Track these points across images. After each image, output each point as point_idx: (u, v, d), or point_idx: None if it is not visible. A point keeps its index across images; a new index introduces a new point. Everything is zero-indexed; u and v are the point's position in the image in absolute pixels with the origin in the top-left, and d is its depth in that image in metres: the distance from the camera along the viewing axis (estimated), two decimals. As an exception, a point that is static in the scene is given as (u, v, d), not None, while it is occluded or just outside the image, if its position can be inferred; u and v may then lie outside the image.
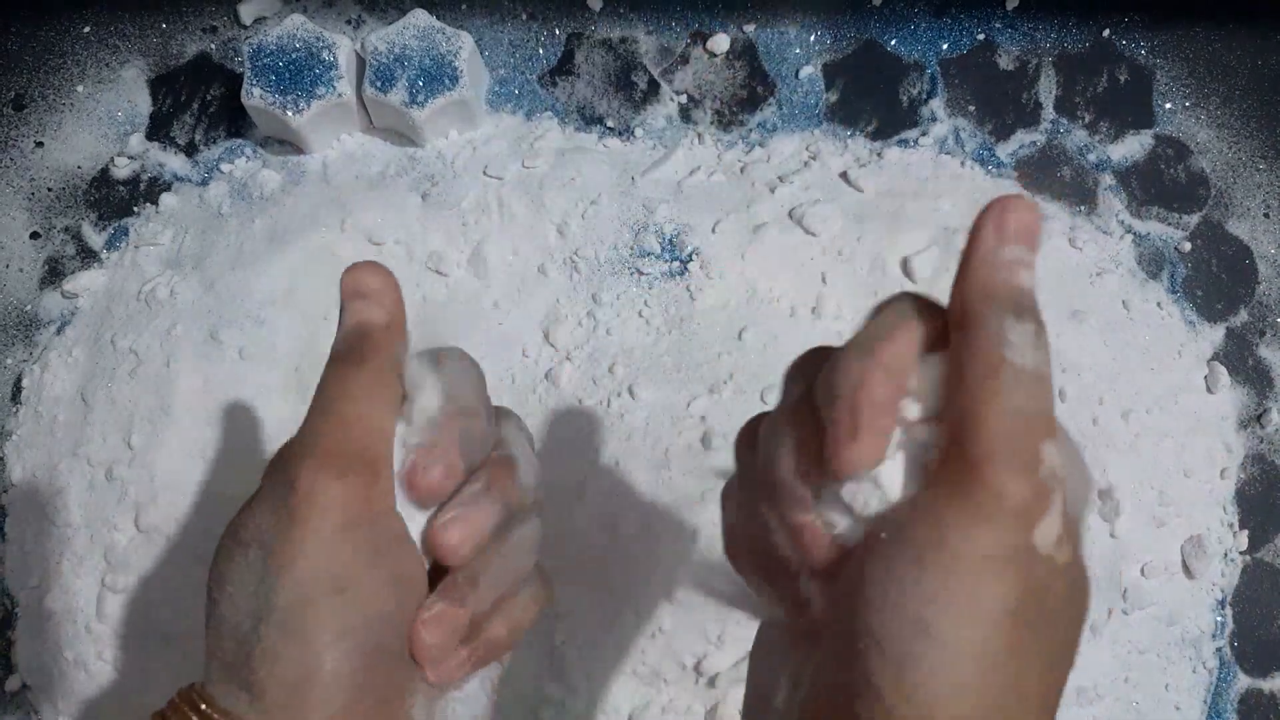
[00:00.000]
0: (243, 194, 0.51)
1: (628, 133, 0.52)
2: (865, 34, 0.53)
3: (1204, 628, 0.48)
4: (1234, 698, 0.48)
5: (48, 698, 0.46)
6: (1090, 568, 0.42)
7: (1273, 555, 0.49)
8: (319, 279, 0.48)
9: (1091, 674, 0.46)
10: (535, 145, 0.51)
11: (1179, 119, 0.53)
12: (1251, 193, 0.52)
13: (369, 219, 0.48)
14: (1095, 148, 0.52)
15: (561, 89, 0.53)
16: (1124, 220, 0.51)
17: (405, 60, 0.48)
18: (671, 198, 0.49)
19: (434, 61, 0.48)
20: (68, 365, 0.49)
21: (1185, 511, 0.47)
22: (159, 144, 0.53)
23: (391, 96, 0.48)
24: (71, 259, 0.51)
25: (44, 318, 0.51)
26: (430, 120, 0.49)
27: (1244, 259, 0.51)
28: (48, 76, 0.53)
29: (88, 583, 0.46)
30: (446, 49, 0.48)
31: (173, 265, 0.50)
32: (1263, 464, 0.49)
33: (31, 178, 0.52)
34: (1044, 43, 0.53)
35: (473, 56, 0.50)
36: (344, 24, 0.53)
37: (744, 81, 0.53)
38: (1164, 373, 0.48)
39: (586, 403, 0.46)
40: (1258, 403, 0.50)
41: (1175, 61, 0.53)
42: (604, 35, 0.53)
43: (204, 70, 0.53)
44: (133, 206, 0.52)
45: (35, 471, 0.48)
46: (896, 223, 0.48)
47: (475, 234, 0.48)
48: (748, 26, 0.53)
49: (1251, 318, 0.51)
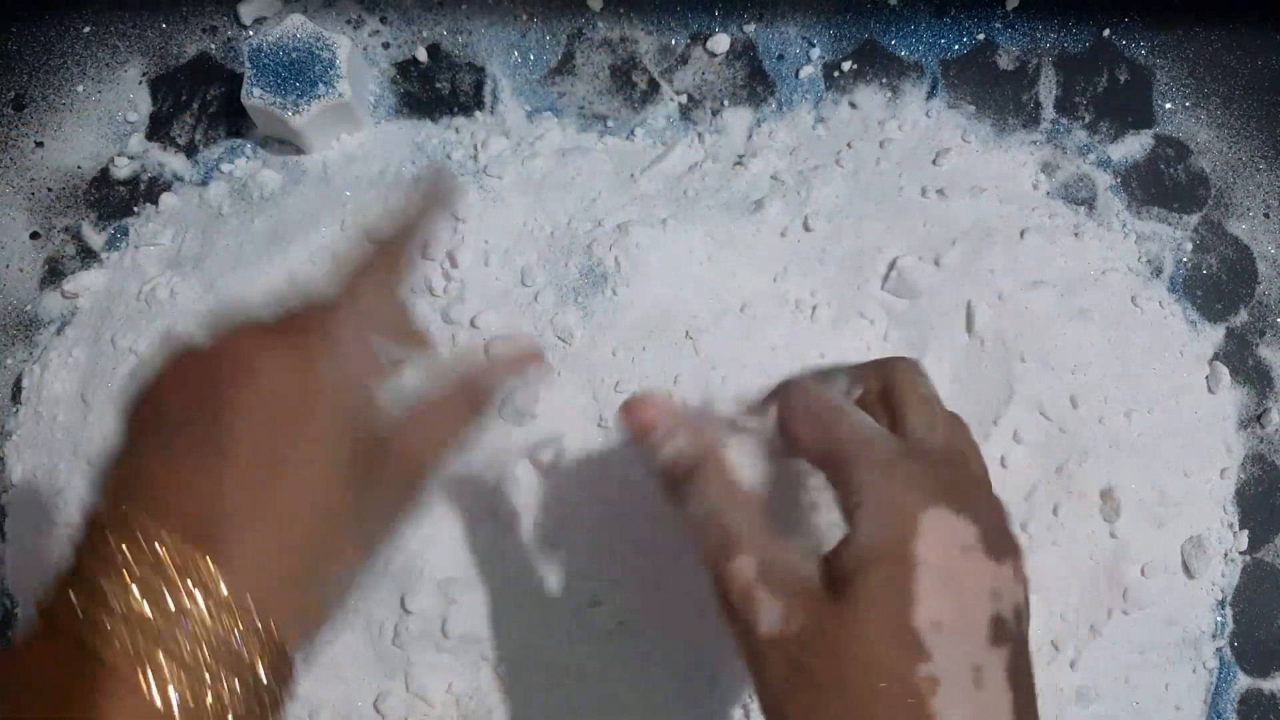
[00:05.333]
0: (243, 194, 0.51)
1: (628, 132, 0.52)
2: (865, 34, 0.53)
3: (1204, 628, 0.48)
4: (1234, 698, 0.48)
5: (48, 698, 0.46)
6: (1091, 567, 0.43)
7: (1273, 555, 0.49)
8: (319, 279, 0.48)
9: (1091, 674, 0.46)
10: (535, 145, 0.51)
11: (1179, 119, 0.53)
12: (1252, 193, 0.52)
13: (369, 219, 0.48)
14: (1095, 148, 0.52)
15: (561, 89, 0.53)
16: (1124, 220, 0.51)
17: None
18: (670, 196, 0.49)
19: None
20: (68, 365, 0.49)
21: (1185, 511, 0.47)
22: (159, 144, 0.53)
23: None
24: (71, 259, 0.51)
25: (44, 318, 0.51)
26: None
27: (1244, 259, 0.51)
28: (48, 76, 0.53)
29: (88, 583, 0.46)
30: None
31: (173, 265, 0.50)
32: (1263, 464, 0.49)
33: (31, 178, 0.52)
34: (1044, 43, 0.54)
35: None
36: (344, 24, 0.53)
37: (744, 81, 0.53)
38: (1165, 372, 0.48)
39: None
40: (1258, 403, 0.50)
41: (1175, 61, 0.53)
42: (604, 35, 0.53)
43: (204, 70, 0.53)
44: (133, 206, 0.52)
45: (36, 471, 0.48)
46: (896, 222, 0.48)
47: (476, 234, 0.48)
48: (748, 26, 0.53)
49: (1252, 318, 0.51)
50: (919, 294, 0.47)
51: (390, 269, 0.33)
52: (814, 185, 0.49)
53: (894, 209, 0.49)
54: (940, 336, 0.47)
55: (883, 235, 0.48)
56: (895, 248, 0.47)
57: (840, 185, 0.49)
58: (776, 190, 0.49)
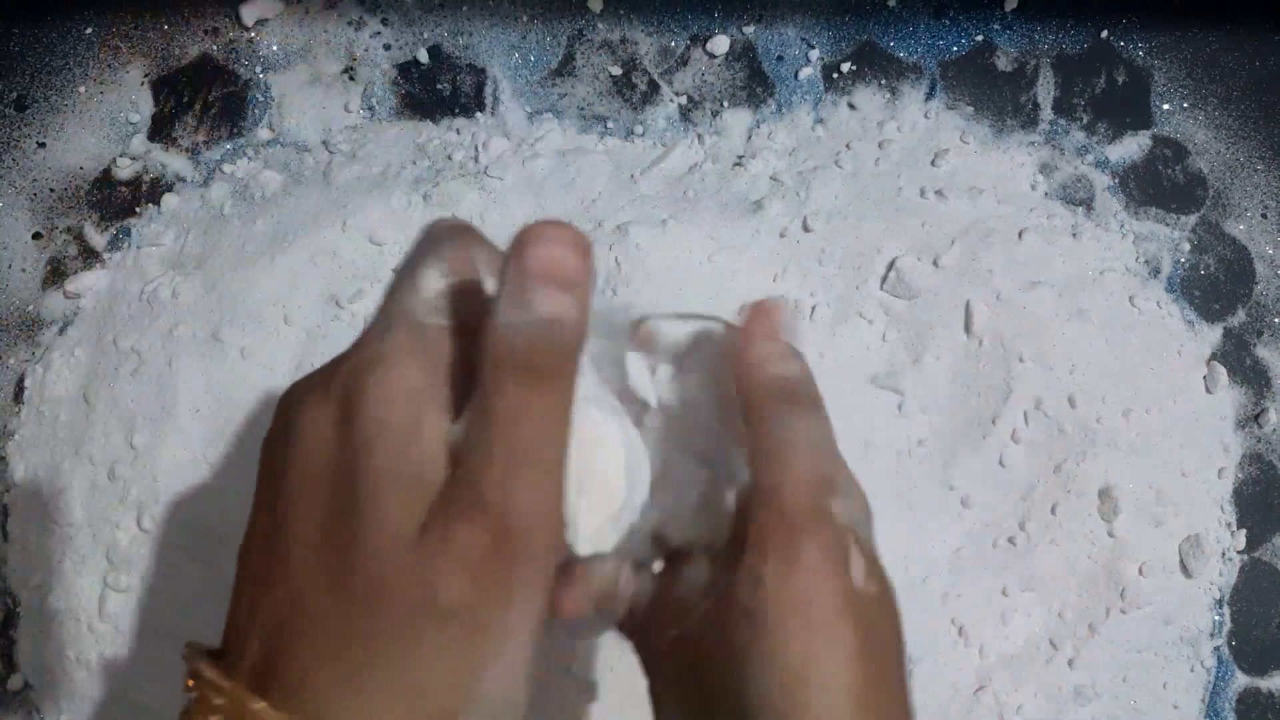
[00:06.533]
0: (244, 195, 0.51)
1: (628, 134, 0.52)
2: (864, 35, 0.54)
3: (1202, 627, 0.48)
4: (1232, 696, 0.48)
5: (50, 697, 0.47)
6: (1089, 567, 0.42)
7: (1270, 555, 0.49)
8: (320, 279, 0.48)
9: (1089, 673, 0.46)
10: (536, 146, 0.51)
11: (1177, 120, 0.53)
12: (1249, 193, 0.52)
13: (370, 220, 0.48)
14: (1093, 148, 0.52)
15: (562, 90, 0.53)
16: (1122, 221, 0.51)
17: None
18: (670, 197, 0.49)
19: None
20: (70, 365, 0.49)
21: (1183, 511, 0.47)
22: (161, 145, 0.53)
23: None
24: (74, 259, 0.52)
25: (46, 318, 0.51)
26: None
27: (1242, 259, 0.52)
28: (50, 77, 0.53)
29: (90, 582, 0.46)
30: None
31: (175, 266, 0.50)
32: (1260, 464, 0.49)
33: (34, 178, 0.52)
34: (1042, 44, 0.54)
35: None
36: (345, 25, 0.54)
37: (743, 83, 0.53)
38: (1163, 372, 0.48)
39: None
40: (1255, 402, 0.50)
41: (1173, 63, 0.54)
42: (604, 37, 0.54)
43: (206, 71, 0.53)
44: (135, 207, 0.52)
45: (38, 471, 0.48)
46: (895, 223, 0.48)
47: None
48: (747, 28, 0.54)
49: (1249, 318, 0.51)
50: (918, 294, 0.47)
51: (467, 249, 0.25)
52: (813, 186, 0.49)
53: (893, 210, 0.49)
54: (939, 336, 0.47)
55: (882, 236, 0.48)
56: (894, 248, 0.48)
57: (839, 186, 0.50)
58: (776, 191, 0.49)
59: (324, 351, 0.47)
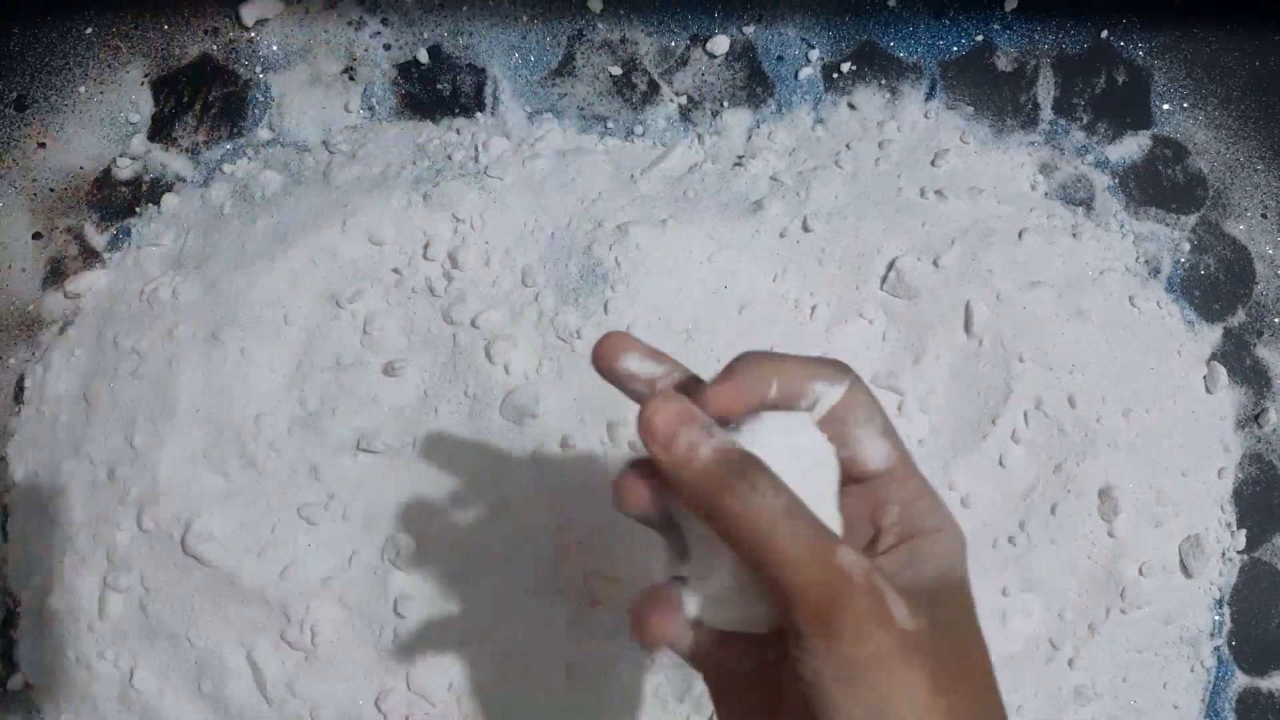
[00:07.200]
0: (244, 194, 0.51)
1: (628, 134, 0.52)
2: (864, 35, 0.54)
3: (1202, 627, 0.48)
4: (1232, 696, 0.48)
5: (50, 696, 0.47)
6: (1089, 567, 0.42)
7: (1270, 554, 0.49)
8: (320, 279, 0.48)
9: (1090, 673, 0.46)
10: (536, 146, 0.51)
11: (1177, 120, 0.53)
12: (1249, 193, 0.52)
13: (370, 219, 0.48)
14: (1093, 148, 0.52)
15: (562, 90, 0.53)
16: (1122, 221, 0.51)
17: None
18: (670, 197, 0.49)
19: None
20: (70, 365, 0.49)
21: (1183, 511, 0.47)
22: (161, 145, 0.53)
23: None
24: (74, 259, 0.52)
25: (46, 318, 0.51)
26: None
27: (1242, 259, 0.52)
28: (50, 77, 0.53)
29: (90, 582, 0.46)
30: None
31: (175, 265, 0.50)
32: (1260, 463, 0.49)
33: (34, 178, 0.52)
34: (1042, 44, 0.54)
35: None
36: (345, 25, 0.54)
37: (743, 83, 0.53)
38: (1163, 372, 0.48)
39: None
40: (1255, 402, 0.50)
41: (1173, 63, 0.54)
42: (604, 37, 0.54)
43: (206, 71, 0.53)
44: (135, 207, 0.52)
45: (38, 471, 0.48)
46: (895, 223, 0.48)
47: (476, 235, 0.48)
48: (747, 28, 0.54)
49: (1249, 318, 0.51)
50: (918, 294, 0.47)
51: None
52: (813, 186, 0.49)
53: (893, 209, 0.49)
54: (939, 336, 0.47)
55: (881, 236, 0.48)
56: (894, 248, 0.48)
57: (839, 186, 0.50)
58: (776, 191, 0.49)
59: (324, 351, 0.47)
